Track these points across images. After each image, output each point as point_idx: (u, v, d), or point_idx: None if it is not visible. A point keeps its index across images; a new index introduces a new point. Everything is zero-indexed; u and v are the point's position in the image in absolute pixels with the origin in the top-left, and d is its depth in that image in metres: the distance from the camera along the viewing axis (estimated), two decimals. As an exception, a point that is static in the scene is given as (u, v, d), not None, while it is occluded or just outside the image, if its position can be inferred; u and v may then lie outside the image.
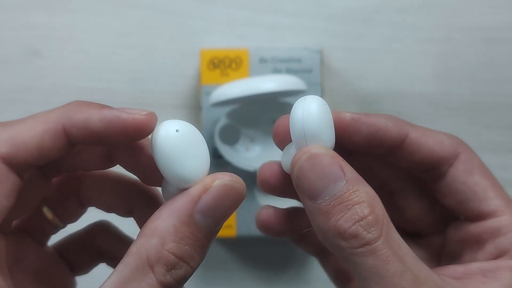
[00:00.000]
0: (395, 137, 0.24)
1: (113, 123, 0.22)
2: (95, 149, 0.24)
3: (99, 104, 0.23)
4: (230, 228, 0.41)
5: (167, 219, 0.21)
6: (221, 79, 0.41)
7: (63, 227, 0.28)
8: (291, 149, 0.24)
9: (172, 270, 0.21)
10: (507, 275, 0.22)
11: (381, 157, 0.26)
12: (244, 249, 0.46)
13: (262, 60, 0.41)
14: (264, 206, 0.28)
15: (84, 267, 0.29)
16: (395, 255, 0.21)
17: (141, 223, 0.27)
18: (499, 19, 0.46)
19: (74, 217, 0.28)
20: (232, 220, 0.41)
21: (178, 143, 0.22)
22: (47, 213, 0.27)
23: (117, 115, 0.22)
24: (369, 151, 0.25)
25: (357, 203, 0.21)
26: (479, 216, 0.25)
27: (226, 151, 0.41)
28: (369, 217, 0.21)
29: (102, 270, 0.29)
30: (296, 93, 0.39)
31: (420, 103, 0.46)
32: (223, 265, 0.46)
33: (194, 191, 0.21)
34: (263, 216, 0.27)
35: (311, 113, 0.22)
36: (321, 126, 0.22)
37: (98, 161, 0.25)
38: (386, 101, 0.46)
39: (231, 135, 0.41)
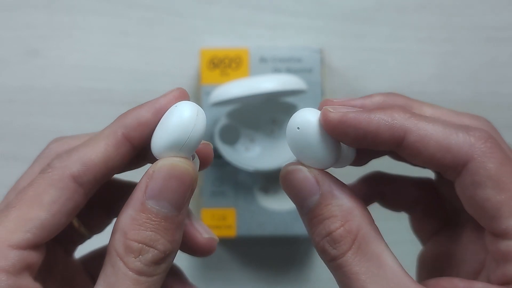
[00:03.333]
0: (388, 140, 0.22)
1: (159, 110, 0.24)
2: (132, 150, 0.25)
3: (139, 104, 0.25)
4: (230, 228, 0.42)
5: (124, 212, 0.22)
6: (221, 78, 0.41)
7: (89, 237, 0.29)
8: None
9: (140, 256, 0.22)
10: None
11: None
12: (244, 249, 0.46)
13: (262, 60, 0.42)
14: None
15: None
16: (365, 271, 0.20)
17: None
18: (500, 18, 0.46)
19: (100, 227, 0.29)
20: (232, 220, 0.41)
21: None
22: (74, 222, 0.28)
23: (158, 102, 0.24)
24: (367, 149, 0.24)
25: (327, 217, 0.21)
26: (493, 233, 0.22)
27: (226, 151, 0.41)
28: (336, 232, 0.21)
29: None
30: (297, 93, 0.39)
31: (420, 103, 0.46)
32: (223, 265, 0.46)
33: (142, 179, 0.23)
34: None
35: (303, 132, 0.22)
36: (312, 145, 0.22)
37: (133, 160, 0.26)
38: (386, 101, 0.46)
39: (231, 135, 0.41)
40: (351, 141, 0.22)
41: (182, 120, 0.23)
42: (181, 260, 0.34)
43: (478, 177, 0.21)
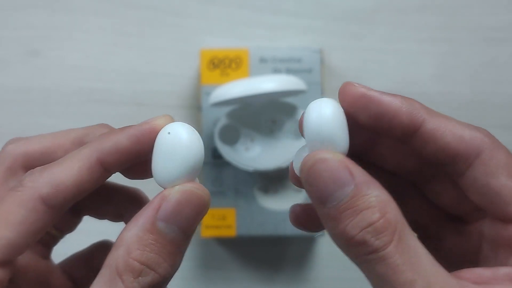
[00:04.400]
0: (406, 124, 0.22)
1: (139, 138, 0.23)
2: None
3: (120, 128, 0.24)
4: (230, 228, 0.42)
5: (132, 229, 0.22)
6: (221, 79, 0.41)
7: (61, 237, 0.29)
8: (303, 152, 0.24)
9: (139, 278, 0.21)
10: None
11: (398, 141, 0.24)
12: (244, 249, 0.47)
13: (262, 60, 0.42)
14: (294, 205, 0.27)
15: (87, 284, 0.29)
16: (407, 263, 0.20)
17: None
18: (499, 19, 0.46)
19: (71, 227, 0.29)
20: (232, 220, 0.42)
21: (166, 143, 0.23)
22: None
23: (140, 129, 0.23)
24: (379, 132, 0.23)
25: (365, 208, 0.20)
26: (508, 219, 0.22)
27: (226, 151, 0.41)
28: (378, 222, 0.20)
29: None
30: (297, 93, 0.40)
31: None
32: (223, 265, 0.47)
33: (155, 200, 0.22)
34: (295, 213, 0.26)
35: (325, 117, 0.22)
36: (334, 131, 0.22)
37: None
38: (386, 101, 0.46)
39: (231, 135, 0.41)
40: (368, 118, 0.22)
41: (192, 147, 0.22)
42: (182, 261, 0.34)
43: (493, 166, 0.22)
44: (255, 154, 0.42)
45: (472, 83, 0.46)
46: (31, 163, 0.26)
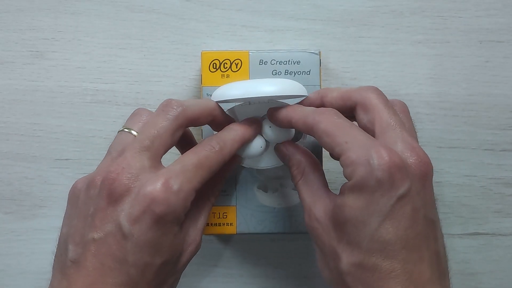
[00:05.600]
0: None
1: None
2: None
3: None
4: (230, 226, 0.42)
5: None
6: (221, 80, 0.41)
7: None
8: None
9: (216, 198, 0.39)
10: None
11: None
12: (244, 246, 0.47)
13: (262, 62, 0.41)
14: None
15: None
16: (307, 191, 0.35)
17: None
18: (494, 21, 0.46)
19: None
20: (232, 218, 0.42)
21: None
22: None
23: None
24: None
25: (292, 165, 0.37)
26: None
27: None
28: (295, 171, 0.37)
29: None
30: (297, 98, 0.39)
31: (416, 104, 0.46)
32: (224, 262, 0.47)
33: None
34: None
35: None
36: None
37: None
38: (383, 102, 0.46)
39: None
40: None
41: None
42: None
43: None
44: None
45: (467, 84, 0.46)
46: (189, 123, 0.35)
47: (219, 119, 0.37)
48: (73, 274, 0.31)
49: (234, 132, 0.37)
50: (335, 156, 0.33)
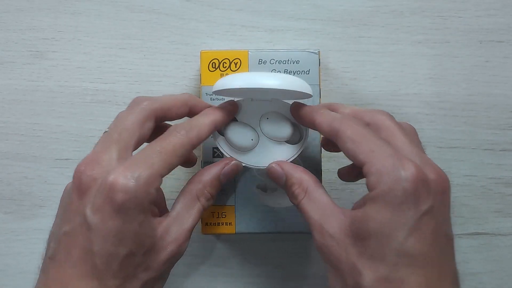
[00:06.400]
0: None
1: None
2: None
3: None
4: (230, 226, 0.42)
5: (207, 175, 0.37)
6: (221, 80, 0.41)
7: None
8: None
9: (207, 201, 0.37)
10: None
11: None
12: (243, 246, 0.47)
13: (261, 62, 0.42)
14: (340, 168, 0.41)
15: None
16: (314, 208, 0.34)
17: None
18: (494, 21, 0.46)
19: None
20: (232, 217, 0.42)
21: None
22: None
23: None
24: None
25: (291, 184, 0.36)
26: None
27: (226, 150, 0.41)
28: (296, 190, 0.36)
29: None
30: (301, 96, 0.38)
31: (416, 104, 0.46)
32: (223, 262, 0.47)
33: (222, 161, 0.38)
34: (341, 172, 0.41)
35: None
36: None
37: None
38: (382, 102, 0.46)
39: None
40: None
41: None
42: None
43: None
44: (255, 153, 0.42)
45: (467, 84, 0.46)
46: (158, 115, 0.35)
47: (197, 109, 0.37)
48: (50, 269, 0.32)
49: (204, 116, 0.36)
50: (358, 163, 0.32)
